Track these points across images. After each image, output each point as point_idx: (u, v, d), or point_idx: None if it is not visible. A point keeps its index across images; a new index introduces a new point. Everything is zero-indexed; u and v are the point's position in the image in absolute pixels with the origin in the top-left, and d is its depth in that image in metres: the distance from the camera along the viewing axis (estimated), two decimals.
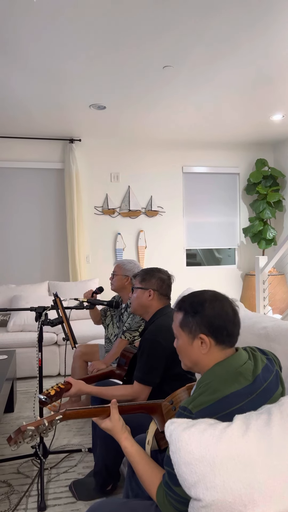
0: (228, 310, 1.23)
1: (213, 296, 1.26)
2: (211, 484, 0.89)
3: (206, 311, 1.22)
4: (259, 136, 5.39)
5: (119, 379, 2.11)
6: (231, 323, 1.21)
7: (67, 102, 3.98)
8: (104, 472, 1.93)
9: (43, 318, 2.23)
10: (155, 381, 1.81)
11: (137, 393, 1.80)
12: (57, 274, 5.30)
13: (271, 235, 5.46)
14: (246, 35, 2.81)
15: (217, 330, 1.20)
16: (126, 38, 2.81)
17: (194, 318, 1.23)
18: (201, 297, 1.26)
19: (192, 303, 1.26)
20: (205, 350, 1.20)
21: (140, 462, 1.20)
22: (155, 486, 1.13)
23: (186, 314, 1.25)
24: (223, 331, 1.20)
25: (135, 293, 2.04)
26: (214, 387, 1.09)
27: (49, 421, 1.25)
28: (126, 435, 1.28)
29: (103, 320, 2.96)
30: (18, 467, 2.31)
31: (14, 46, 2.90)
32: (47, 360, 3.93)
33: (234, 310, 1.24)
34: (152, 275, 2.02)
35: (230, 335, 1.20)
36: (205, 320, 1.21)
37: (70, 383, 1.75)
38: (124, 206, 5.43)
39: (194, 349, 1.23)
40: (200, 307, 1.23)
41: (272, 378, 1.18)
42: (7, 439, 1.23)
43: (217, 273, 5.81)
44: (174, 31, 2.74)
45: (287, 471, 0.90)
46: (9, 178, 5.13)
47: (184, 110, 4.29)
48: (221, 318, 1.20)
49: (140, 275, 2.05)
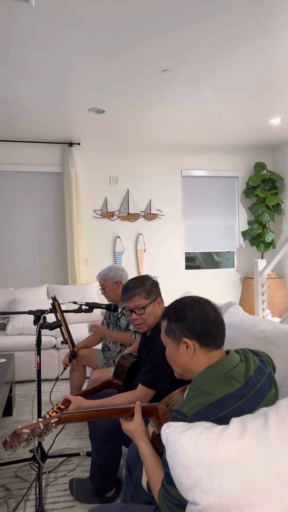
0: (210, 312, 1.25)
1: (194, 300, 1.28)
2: (208, 487, 0.89)
3: (187, 315, 1.24)
4: (257, 139, 5.40)
5: (116, 389, 2.08)
6: (212, 324, 1.23)
7: (66, 106, 4.00)
8: (99, 475, 1.92)
9: (42, 321, 2.23)
10: (164, 387, 1.77)
11: (140, 398, 1.76)
12: (56, 277, 5.30)
13: (270, 238, 5.47)
14: (244, 39, 2.83)
15: (199, 333, 1.22)
16: (125, 42, 2.83)
17: (176, 323, 1.25)
18: (182, 302, 1.29)
19: (174, 309, 1.29)
20: (191, 353, 1.22)
21: (153, 463, 1.22)
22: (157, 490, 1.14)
23: (169, 320, 1.28)
24: (205, 333, 1.22)
25: (147, 310, 1.91)
26: (207, 389, 1.10)
27: (44, 424, 1.25)
28: (145, 439, 1.30)
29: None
30: (16, 471, 2.30)
31: (15, 51, 2.91)
32: (45, 364, 3.93)
33: (216, 312, 1.26)
34: (149, 284, 1.95)
35: (213, 336, 1.22)
36: (186, 324, 1.23)
37: (69, 400, 1.72)
38: (123, 209, 5.43)
39: (181, 354, 1.25)
40: (181, 312, 1.26)
41: (265, 379, 1.18)
42: (3, 443, 1.22)
43: (216, 276, 5.81)
44: (172, 36, 2.76)
45: (284, 474, 0.90)
46: (9, 181, 5.14)
47: (182, 114, 4.30)
48: (202, 320, 1.23)
49: (142, 291, 1.92)
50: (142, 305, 1.90)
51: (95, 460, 1.92)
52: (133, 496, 1.49)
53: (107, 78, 3.39)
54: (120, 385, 2.06)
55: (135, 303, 1.90)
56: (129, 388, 2.09)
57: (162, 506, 1.07)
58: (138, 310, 1.90)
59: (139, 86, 3.57)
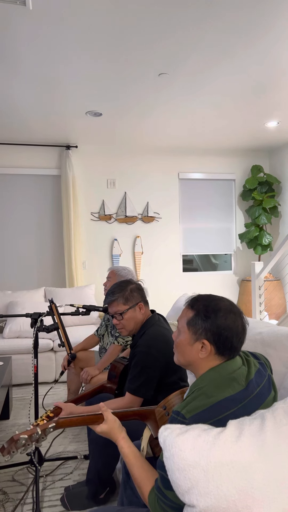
0: (239, 325, 1.21)
1: (229, 307, 1.24)
2: (205, 490, 0.89)
3: (218, 320, 1.20)
4: (254, 142, 5.43)
5: (110, 393, 2.09)
6: (237, 338, 1.20)
7: (63, 109, 4.00)
8: (96, 479, 1.92)
9: (39, 324, 2.23)
10: (149, 393, 1.80)
11: (129, 404, 1.79)
12: (54, 280, 5.29)
13: (267, 241, 5.48)
14: (241, 43, 2.85)
15: (222, 341, 1.19)
16: (122, 45, 2.84)
17: (204, 322, 1.21)
18: (218, 304, 1.23)
19: (207, 307, 1.23)
20: (204, 355, 1.20)
21: (136, 464, 1.19)
22: (147, 490, 1.12)
23: (197, 314, 1.23)
24: (228, 344, 1.19)
25: (125, 316, 1.93)
26: (208, 392, 1.09)
27: (42, 429, 1.24)
28: (123, 435, 1.27)
29: (98, 333, 2.97)
30: (13, 475, 2.29)
31: (11, 54, 2.92)
32: (43, 367, 3.92)
33: (243, 327, 1.23)
34: (130, 289, 1.95)
35: (233, 349, 1.20)
36: (214, 328, 1.19)
37: (60, 408, 1.72)
38: (120, 212, 5.44)
39: (193, 350, 1.22)
40: (213, 313, 1.21)
41: (265, 382, 1.19)
42: (0, 449, 1.21)
43: (214, 279, 5.82)
44: (169, 39, 2.77)
45: (280, 476, 0.90)
46: (6, 184, 5.14)
47: (179, 117, 4.31)
48: (230, 331, 1.19)
49: (119, 297, 1.93)
50: (120, 311, 1.93)
51: (93, 463, 1.92)
52: (131, 501, 1.48)
53: (104, 81, 3.40)
54: (114, 389, 2.07)
55: (113, 309, 1.95)
56: (122, 391, 2.09)
57: (154, 508, 1.05)
58: (117, 316, 1.94)
59: (136, 89, 3.58)
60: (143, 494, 1.12)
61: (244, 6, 2.41)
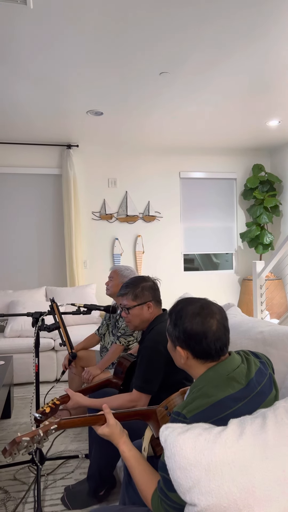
0: (211, 326, 1.17)
1: (197, 310, 1.20)
2: (206, 489, 0.89)
3: (184, 326, 1.19)
4: (255, 141, 5.42)
5: (115, 388, 2.10)
6: (210, 340, 1.16)
7: (64, 108, 4.00)
8: (97, 476, 1.92)
9: (40, 323, 2.23)
10: (155, 389, 1.80)
11: (135, 402, 1.78)
12: (55, 279, 5.30)
13: (268, 240, 5.48)
14: (242, 43, 2.84)
15: (193, 346, 1.17)
16: (123, 44, 2.84)
17: (174, 330, 1.22)
18: (184, 309, 1.22)
19: (176, 313, 1.23)
20: (184, 360, 1.21)
21: (137, 468, 1.19)
22: (150, 492, 1.12)
23: (170, 322, 1.25)
24: (201, 347, 1.16)
25: (132, 311, 1.94)
26: (208, 391, 1.09)
27: (44, 431, 1.25)
28: (125, 439, 1.27)
29: (99, 332, 2.97)
30: (14, 474, 2.29)
31: (13, 54, 2.92)
32: (44, 366, 3.92)
33: (218, 326, 1.18)
34: (141, 287, 1.95)
35: (208, 353, 1.16)
36: (181, 335, 1.19)
37: (68, 396, 1.74)
38: (121, 211, 5.44)
39: (176, 355, 1.24)
40: (179, 320, 1.20)
41: (266, 381, 1.18)
42: (2, 451, 1.22)
43: (215, 278, 5.81)
44: (170, 38, 2.77)
45: (282, 475, 0.90)
46: (7, 183, 5.14)
47: (181, 116, 4.31)
48: (199, 335, 1.16)
49: (130, 293, 1.94)
50: (127, 306, 1.95)
51: (94, 460, 1.92)
52: (133, 500, 1.48)
53: (105, 80, 3.39)
54: (119, 384, 2.08)
55: (122, 302, 1.97)
56: (127, 387, 2.10)
57: (158, 510, 1.06)
58: (124, 309, 1.97)
59: (137, 88, 3.58)
60: (145, 497, 1.12)
61: (245, 5, 2.41)
